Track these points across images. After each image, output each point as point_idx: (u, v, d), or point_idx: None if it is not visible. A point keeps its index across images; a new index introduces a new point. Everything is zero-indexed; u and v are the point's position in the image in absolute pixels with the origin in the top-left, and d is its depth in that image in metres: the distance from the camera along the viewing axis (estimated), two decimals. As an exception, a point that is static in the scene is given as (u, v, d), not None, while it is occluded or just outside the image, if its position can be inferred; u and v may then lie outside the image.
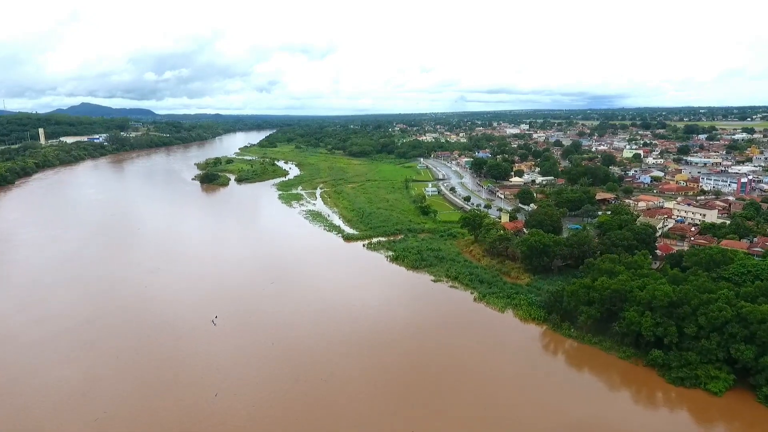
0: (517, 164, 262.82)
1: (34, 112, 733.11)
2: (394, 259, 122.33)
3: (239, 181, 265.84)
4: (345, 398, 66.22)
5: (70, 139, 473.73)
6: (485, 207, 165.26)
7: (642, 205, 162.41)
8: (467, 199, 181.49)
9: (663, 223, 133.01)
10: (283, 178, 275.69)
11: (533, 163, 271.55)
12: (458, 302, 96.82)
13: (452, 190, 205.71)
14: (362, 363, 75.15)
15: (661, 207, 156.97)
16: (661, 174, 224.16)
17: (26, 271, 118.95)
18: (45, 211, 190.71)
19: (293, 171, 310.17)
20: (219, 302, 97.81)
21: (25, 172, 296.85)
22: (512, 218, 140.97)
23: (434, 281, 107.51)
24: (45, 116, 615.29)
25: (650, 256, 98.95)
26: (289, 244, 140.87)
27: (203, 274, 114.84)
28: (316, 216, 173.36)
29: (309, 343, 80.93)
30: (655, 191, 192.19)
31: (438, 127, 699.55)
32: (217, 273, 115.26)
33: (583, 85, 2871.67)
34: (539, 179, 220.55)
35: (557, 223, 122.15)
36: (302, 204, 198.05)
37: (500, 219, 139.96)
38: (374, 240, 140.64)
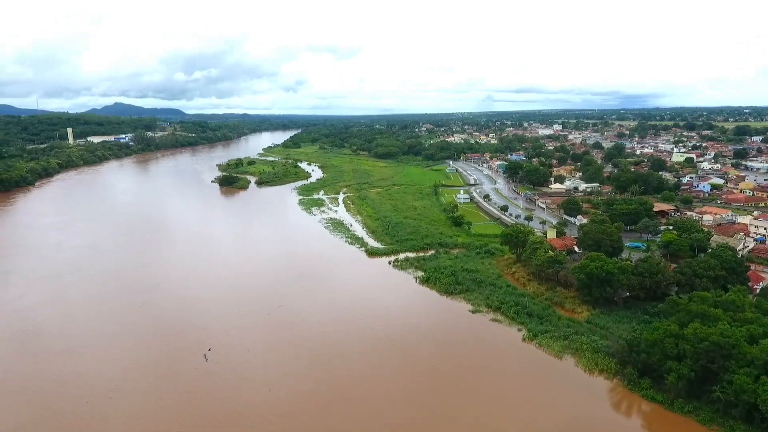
0: (555, 168, 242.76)
1: (70, 111, 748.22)
2: (425, 281, 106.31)
3: (260, 183, 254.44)
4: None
5: (96, 139, 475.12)
6: (526, 219, 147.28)
7: (708, 218, 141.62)
8: (504, 208, 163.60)
9: (743, 243, 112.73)
10: (305, 181, 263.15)
11: (573, 167, 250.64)
12: (503, 342, 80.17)
13: (486, 197, 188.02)
14: (378, 426, 59.63)
15: (733, 222, 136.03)
16: (720, 181, 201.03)
17: (17, 282, 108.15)
18: (55, 215, 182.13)
19: (316, 173, 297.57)
20: (214, 331, 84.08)
21: (47, 173, 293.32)
22: (560, 233, 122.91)
23: (472, 312, 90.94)
24: (75, 116, 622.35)
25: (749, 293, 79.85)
26: (305, 259, 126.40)
27: (203, 294, 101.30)
28: (337, 225, 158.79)
29: (314, 392, 65.96)
30: (719, 202, 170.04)
31: (466, 127, 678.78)
32: (218, 293, 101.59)
33: (615, 84, 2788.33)
34: (582, 186, 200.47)
35: (618, 242, 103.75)
36: (323, 211, 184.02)
37: (545, 234, 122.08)
38: (401, 256, 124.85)
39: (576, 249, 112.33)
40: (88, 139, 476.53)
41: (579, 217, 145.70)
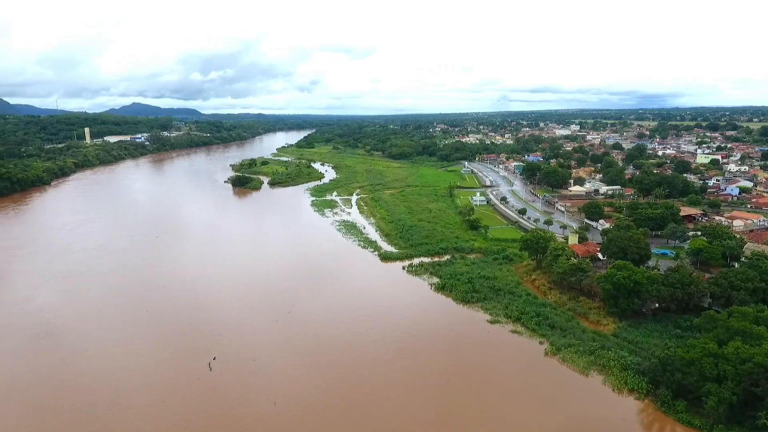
0: (574, 170, 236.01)
1: (89, 112, 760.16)
2: (440, 288, 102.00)
3: (272, 184, 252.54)
4: None
5: (113, 139, 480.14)
6: (545, 223, 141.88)
7: (739, 224, 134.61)
8: (522, 212, 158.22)
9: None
10: (318, 182, 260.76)
11: (593, 168, 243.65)
12: (524, 356, 75.59)
13: (503, 200, 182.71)
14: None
15: (767, 228, 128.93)
16: (749, 184, 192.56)
17: (27, 283, 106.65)
18: (68, 215, 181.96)
19: (329, 174, 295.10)
20: (221, 337, 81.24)
21: (63, 173, 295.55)
22: (582, 239, 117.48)
23: (491, 322, 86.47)
24: (93, 116, 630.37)
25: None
26: (317, 262, 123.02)
27: (210, 298, 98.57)
28: (350, 228, 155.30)
29: (320, 406, 62.29)
30: (749, 206, 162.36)
31: (481, 127, 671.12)
32: (226, 297, 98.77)
33: (632, 83, 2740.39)
34: (603, 188, 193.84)
35: (645, 249, 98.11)
36: (336, 213, 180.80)
37: (566, 240, 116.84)
38: (415, 261, 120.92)
39: (600, 256, 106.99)
40: (105, 138, 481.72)
41: (601, 221, 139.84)
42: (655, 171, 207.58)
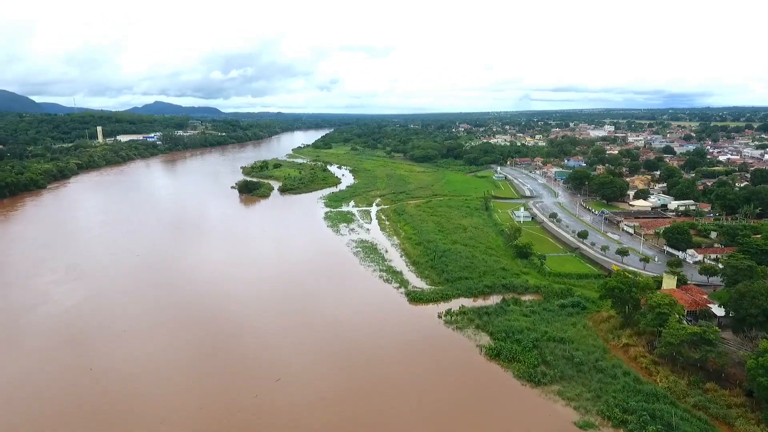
0: (629, 179, 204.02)
1: (113, 110, 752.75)
2: (494, 355, 73.42)
3: (283, 191, 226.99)
4: None
5: (125, 138, 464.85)
6: (618, 253, 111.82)
7: None
8: (583, 235, 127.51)
9: None
10: (334, 188, 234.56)
11: (650, 177, 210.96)
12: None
13: (553, 217, 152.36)
14: None
15: None
16: None
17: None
18: (51, 225, 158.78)
19: (347, 178, 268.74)
20: (176, 418, 54.65)
21: (63, 175, 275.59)
22: (681, 281, 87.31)
23: (580, 427, 57.58)
24: (108, 114, 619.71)
25: None
26: (324, 304, 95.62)
27: (172, 356, 71.99)
28: (369, 251, 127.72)
29: None
30: None
31: (507, 127, 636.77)
32: (194, 360, 72.00)
33: (658, 82, 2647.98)
34: (673, 203, 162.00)
35: (795, 311, 67.87)
36: (353, 229, 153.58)
37: (657, 282, 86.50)
38: (454, 303, 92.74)
39: (714, 311, 77.12)
40: (117, 138, 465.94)
41: (690, 251, 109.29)
42: (737, 184, 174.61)
